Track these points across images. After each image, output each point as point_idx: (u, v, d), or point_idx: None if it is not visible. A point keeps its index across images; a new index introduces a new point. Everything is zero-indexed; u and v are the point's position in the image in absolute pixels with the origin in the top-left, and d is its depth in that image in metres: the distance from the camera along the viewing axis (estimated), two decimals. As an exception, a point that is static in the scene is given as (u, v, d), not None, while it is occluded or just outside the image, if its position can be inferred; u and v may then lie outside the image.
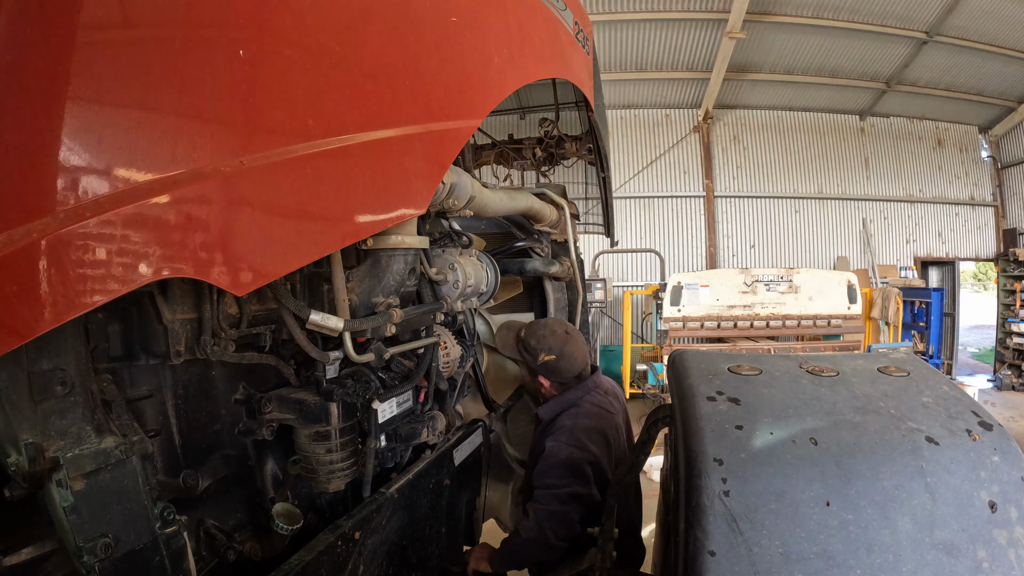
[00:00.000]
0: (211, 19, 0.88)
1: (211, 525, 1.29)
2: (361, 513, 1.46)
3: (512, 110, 8.36)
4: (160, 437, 1.22)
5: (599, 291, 8.86)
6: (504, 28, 1.75)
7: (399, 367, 1.66)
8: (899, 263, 12.00)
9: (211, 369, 1.34)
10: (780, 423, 1.12)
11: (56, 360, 0.91)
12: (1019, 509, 0.97)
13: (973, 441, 1.04)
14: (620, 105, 11.71)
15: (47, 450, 0.88)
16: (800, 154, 11.99)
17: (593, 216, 4.15)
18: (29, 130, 0.67)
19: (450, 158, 1.49)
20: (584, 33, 2.56)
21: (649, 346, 9.82)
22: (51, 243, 0.67)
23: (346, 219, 1.17)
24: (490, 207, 2.02)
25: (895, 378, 1.27)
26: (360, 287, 1.48)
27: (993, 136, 12.36)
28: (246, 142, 0.92)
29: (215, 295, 1.19)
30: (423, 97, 1.36)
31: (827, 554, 0.96)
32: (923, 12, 9.37)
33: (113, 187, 0.73)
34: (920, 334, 10.19)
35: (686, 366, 1.36)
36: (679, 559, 1.08)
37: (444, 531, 1.96)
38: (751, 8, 8.84)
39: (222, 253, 0.89)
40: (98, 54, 0.73)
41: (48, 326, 0.69)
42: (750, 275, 7.76)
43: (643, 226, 11.86)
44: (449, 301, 1.84)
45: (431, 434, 1.72)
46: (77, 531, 0.89)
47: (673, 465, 1.46)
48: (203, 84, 0.85)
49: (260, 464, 1.47)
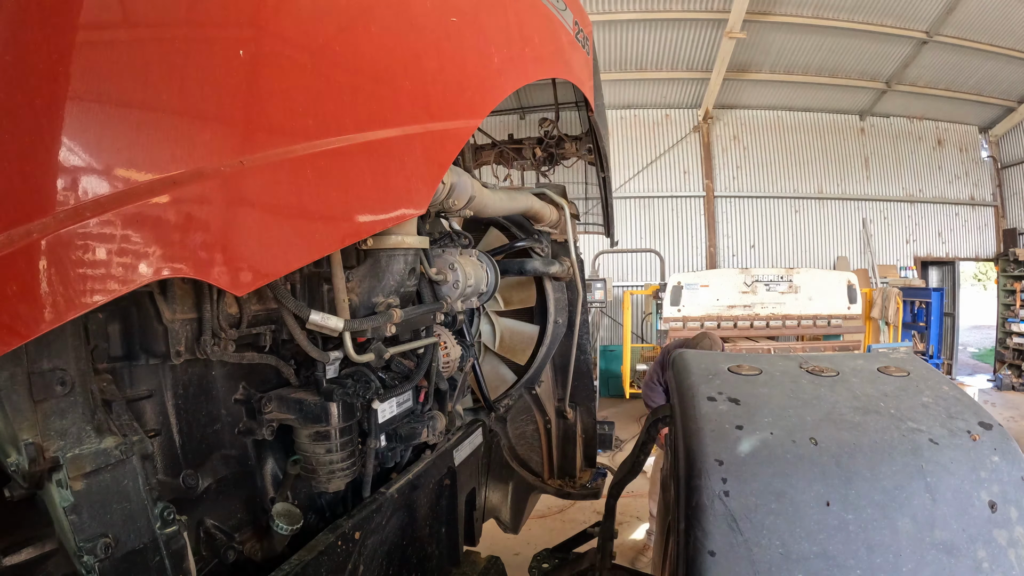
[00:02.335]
0: (211, 19, 0.88)
1: (211, 525, 1.29)
2: (361, 513, 1.46)
3: (512, 110, 8.38)
4: (160, 437, 1.22)
5: (599, 291, 8.86)
6: (504, 28, 1.75)
7: (399, 367, 1.66)
8: (899, 263, 12.00)
9: (211, 369, 1.34)
10: (780, 423, 1.11)
11: (56, 360, 0.91)
12: (1019, 509, 0.97)
13: (973, 441, 1.04)
14: (620, 105, 11.71)
15: (47, 450, 0.88)
16: (800, 154, 11.99)
17: (593, 216, 4.15)
18: (29, 130, 0.67)
19: (450, 158, 1.49)
20: (584, 33, 2.56)
21: (649, 346, 9.82)
22: (51, 243, 0.67)
23: (346, 219, 1.17)
24: (490, 207, 2.02)
25: (895, 378, 1.27)
26: (360, 287, 1.48)
27: (993, 136, 12.36)
28: (246, 142, 0.92)
29: (215, 295, 1.18)
30: (423, 97, 1.36)
31: (827, 554, 0.96)
32: (923, 12, 9.37)
33: (113, 187, 0.73)
34: (920, 334, 10.19)
35: (686, 366, 1.36)
36: (679, 559, 1.08)
37: (444, 531, 1.96)
38: (751, 8, 8.84)
39: (222, 253, 0.89)
40: (98, 54, 0.73)
41: (48, 326, 0.69)
42: (750, 275, 7.77)
43: (643, 226, 11.86)
44: (449, 301, 1.84)
45: (431, 434, 1.72)
46: (77, 531, 0.89)
47: (673, 465, 1.46)
48: (203, 84, 0.85)
49: (260, 464, 1.47)
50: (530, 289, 2.84)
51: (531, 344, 2.86)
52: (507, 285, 2.82)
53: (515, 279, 2.79)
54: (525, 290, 2.85)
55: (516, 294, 2.86)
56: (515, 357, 2.85)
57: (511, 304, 2.87)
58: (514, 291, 2.86)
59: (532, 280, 2.82)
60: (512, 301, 2.87)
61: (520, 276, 2.75)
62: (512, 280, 2.80)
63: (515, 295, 2.86)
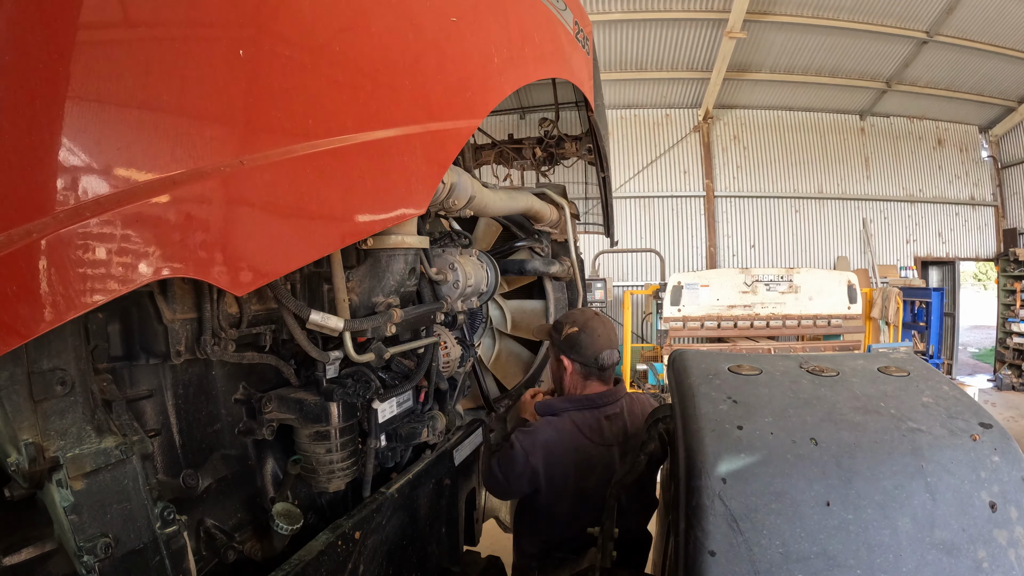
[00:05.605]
0: (211, 19, 0.88)
1: (211, 525, 1.29)
2: (361, 513, 1.46)
3: (512, 110, 8.37)
4: (160, 437, 1.22)
5: (599, 291, 8.87)
6: (504, 28, 1.74)
7: (399, 367, 1.66)
8: (899, 263, 12.01)
9: (211, 369, 1.34)
10: (780, 423, 1.11)
11: (56, 360, 0.91)
12: (1019, 509, 0.97)
13: (973, 441, 1.04)
14: (620, 105, 11.71)
15: (47, 450, 0.88)
16: (800, 154, 11.99)
17: (593, 216, 4.15)
18: (29, 130, 0.67)
19: (450, 158, 1.49)
20: (584, 33, 2.56)
21: (649, 346, 9.82)
22: (51, 243, 0.67)
23: (346, 219, 1.17)
24: (490, 207, 2.02)
25: (895, 378, 1.27)
26: (360, 287, 1.48)
27: (993, 136, 12.36)
28: (246, 142, 0.92)
29: (215, 295, 1.18)
30: (423, 97, 1.36)
31: (827, 554, 0.96)
32: (923, 12, 9.37)
33: (113, 187, 0.73)
34: (920, 334, 10.19)
35: (686, 366, 1.36)
36: (679, 559, 1.08)
37: (444, 531, 1.96)
38: (751, 8, 8.85)
39: (222, 253, 0.89)
40: (98, 54, 0.73)
41: (48, 326, 0.69)
42: (750, 275, 7.76)
43: (643, 226, 11.86)
44: (449, 301, 1.84)
45: (431, 434, 1.72)
46: (77, 531, 0.89)
47: (673, 465, 1.46)
48: (203, 84, 0.85)
49: (260, 464, 1.47)
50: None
51: (541, 319, 2.91)
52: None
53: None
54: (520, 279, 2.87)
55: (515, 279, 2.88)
56: (529, 333, 2.87)
57: (512, 284, 2.91)
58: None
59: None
60: (512, 282, 2.89)
61: (520, 275, 2.76)
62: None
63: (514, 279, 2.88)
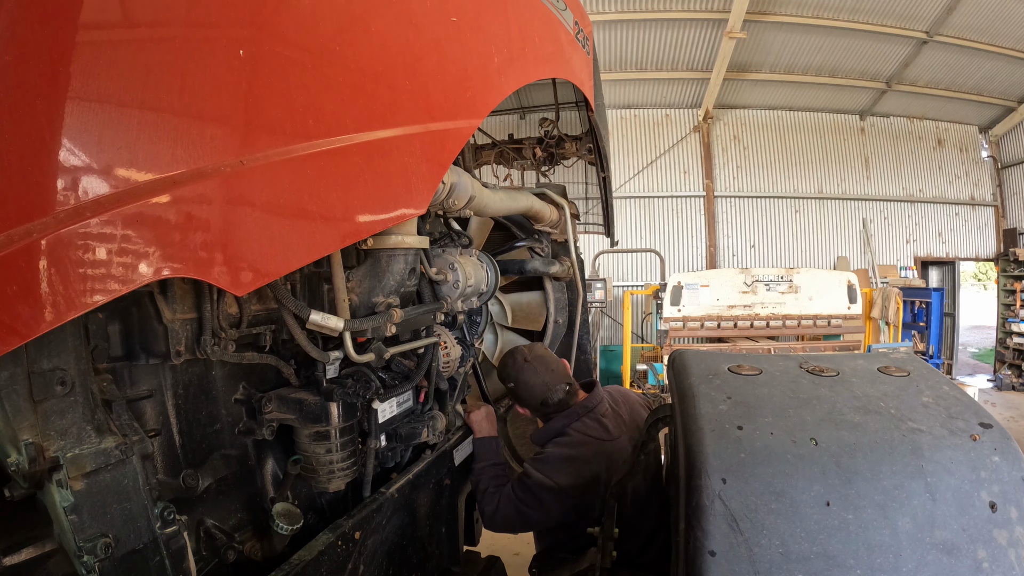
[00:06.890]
0: (211, 19, 0.88)
1: (211, 525, 1.29)
2: (361, 513, 1.46)
3: (512, 110, 8.38)
4: (160, 437, 1.22)
5: (599, 291, 8.86)
6: (504, 28, 1.74)
7: (399, 367, 1.66)
8: (899, 263, 12.00)
9: (211, 369, 1.34)
10: (780, 423, 1.11)
11: (56, 360, 0.91)
12: (1019, 509, 0.97)
13: (973, 441, 1.04)
14: (620, 105, 11.70)
15: (47, 450, 0.88)
16: (800, 154, 11.98)
17: (593, 216, 4.15)
18: (29, 130, 0.67)
19: (450, 158, 1.49)
20: (584, 33, 2.56)
21: (649, 346, 9.82)
22: (51, 243, 0.67)
23: (346, 219, 1.16)
24: (490, 207, 2.02)
25: (895, 378, 1.27)
26: (360, 287, 1.48)
27: (993, 136, 12.35)
28: (246, 142, 0.92)
29: (215, 295, 1.18)
30: (423, 97, 1.36)
31: (827, 554, 0.96)
32: (923, 12, 9.37)
33: (113, 187, 0.73)
34: (920, 334, 10.18)
35: (686, 366, 1.36)
36: (679, 559, 1.08)
37: (444, 531, 1.96)
38: (751, 8, 8.84)
39: (222, 253, 0.89)
40: (98, 54, 0.73)
41: (48, 326, 0.69)
42: (750, 275, 7.76)
43: (643, 226, 11.85)
44: (449, 301, 1.84)
45: (431, 434, 1.72)
46: (77, 531, 0.89)
47: (673, 465, 1.46)
48: (203, 84, 0.85)
49: (260, 464, 1.47)
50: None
51: (541, 309, 2.89)
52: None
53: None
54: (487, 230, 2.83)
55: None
56: (531, 325, 2.87)
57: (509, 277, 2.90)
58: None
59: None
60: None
61: (520, 275, 2.76)
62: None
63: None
